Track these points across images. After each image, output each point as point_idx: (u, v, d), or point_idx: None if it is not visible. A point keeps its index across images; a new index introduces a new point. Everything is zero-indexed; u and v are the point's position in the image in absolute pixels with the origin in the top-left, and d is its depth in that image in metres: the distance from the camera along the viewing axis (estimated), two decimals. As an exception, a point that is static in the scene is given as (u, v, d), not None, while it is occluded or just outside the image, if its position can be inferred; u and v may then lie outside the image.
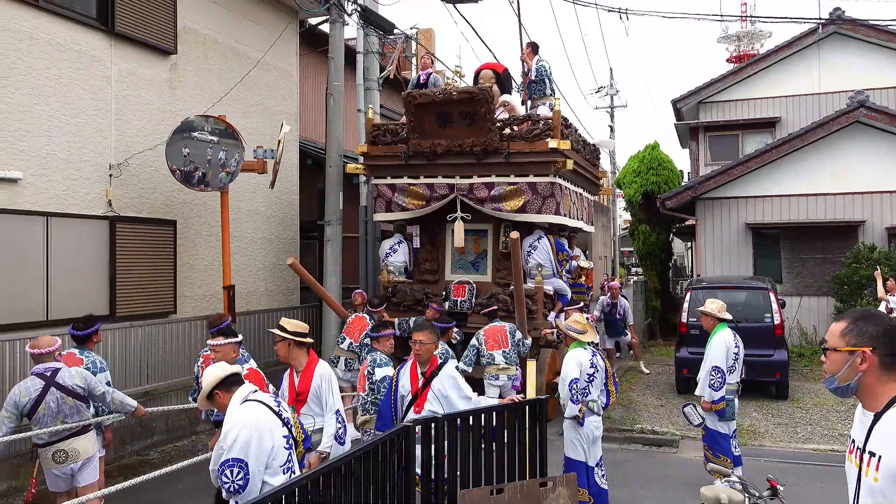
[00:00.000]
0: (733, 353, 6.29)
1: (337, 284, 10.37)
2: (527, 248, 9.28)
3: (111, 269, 8.03)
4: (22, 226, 7.02)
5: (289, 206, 11.39)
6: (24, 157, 7.08)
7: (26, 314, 6.99)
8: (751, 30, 56.21)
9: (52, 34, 7.41)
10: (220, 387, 3.66)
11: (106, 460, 7.27)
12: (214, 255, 9.41)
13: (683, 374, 10.55)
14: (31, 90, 7.16)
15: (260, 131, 10.27)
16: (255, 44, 10.46)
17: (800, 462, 7.60)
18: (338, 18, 10.65)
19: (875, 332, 2.11)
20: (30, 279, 7.10)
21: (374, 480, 3.91)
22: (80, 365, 5.53)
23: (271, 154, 8.73)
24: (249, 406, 3.56)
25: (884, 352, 2.09)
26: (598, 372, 5.70)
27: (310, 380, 4.81)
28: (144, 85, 8.60)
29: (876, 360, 2.10)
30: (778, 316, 10.58)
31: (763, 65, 18.96)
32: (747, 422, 9.11)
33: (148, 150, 8.41)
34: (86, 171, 7.77)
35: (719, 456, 6.23)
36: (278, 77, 11.12)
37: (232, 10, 10.11)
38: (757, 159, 14.48)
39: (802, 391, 10.88)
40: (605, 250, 31.28)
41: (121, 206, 8.16)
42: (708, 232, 15.02)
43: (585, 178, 10.80)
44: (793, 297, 13.91)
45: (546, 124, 8.89)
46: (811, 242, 14.26)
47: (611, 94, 31.01)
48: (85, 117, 7.78)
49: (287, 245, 11.31)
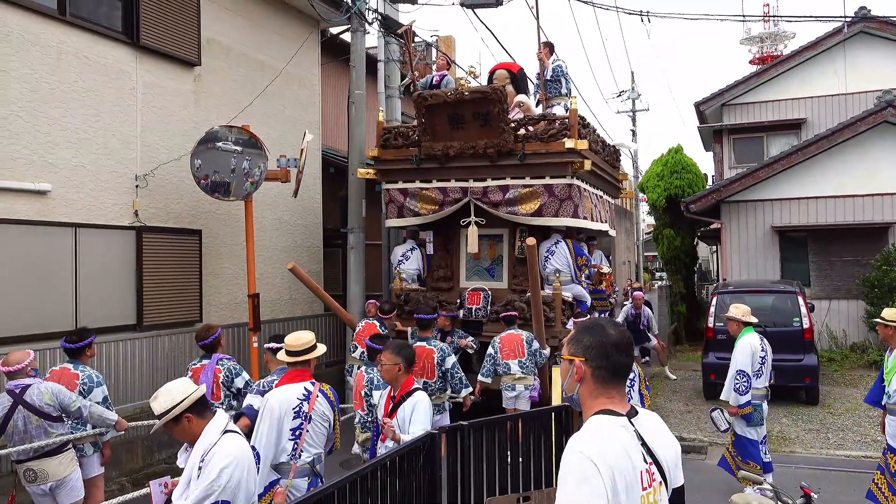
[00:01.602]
0: (759, 357, 6.19)
1: (360, 292, 10.39)
2: (544, 252, 9.01)
3: (138, 279, 8.12)
4: (51, 237, 7.13)
5: (312, 215, 11.45)
6: (53, 169, 7.20)
7: (56, 324, 7.09)
8: (774, 31, 55.64)
9: (79, 48, 7.54)
10: (195, 410, 3.09)
11: (135, 468, 7.36)
12: (239, 263, 9.48)
13: (711, 379, 10.43)
14: (59, 103, 7.28)
15: (283, 140, 10.35)
16: (277, 54, 10.55)
17: (832, 469, 7.46)
18: (359, 27, 10.71)
19: (588, 344, 2.07)
20: (59, 289, 7.20)
21: (400, 488, 3.89)
22: (76, 380, 5.38)
23: (294, 163, 8.78)
24: (236, 440, 3.08)
25: (594, 364, 2.04)
26: (636, 377, 5.67)
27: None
28: (169, 96, 8.70)
29: (588, 371, 2.05)
30: (807, 320, 10.42)
31: (787, 66, 18.72)
32: (777, 428, 8.96)
33: (173, 160, 8.51)
34: (113, 182, 7.88)
35: (748, 462, 6.14)
36: (301, 86, 11.21)
37: (254, 21, 10.22)
38: (783, 161, 14.29)
39: (833, 396, 10.69)
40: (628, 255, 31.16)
41: (147, 216, 8.26)
42: (733, 235, 14.84)
43: (605, 179, 10.49)
44: (822, 300, 13.70)
45: (562, 124, 8.61)
46: (840, 245, 14.03)
47: (632, 97, 30.92)
48: (111, 129, 7.89)
49: (311, 253, 11.37)
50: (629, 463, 1.92)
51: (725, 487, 6.54)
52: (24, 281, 6.83)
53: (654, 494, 1.97)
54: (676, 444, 2.13)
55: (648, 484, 1.95)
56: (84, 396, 5.35)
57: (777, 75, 18.76)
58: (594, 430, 1.98)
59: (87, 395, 5.40)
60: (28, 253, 6.89)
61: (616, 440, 1.95)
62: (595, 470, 1.85)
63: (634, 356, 2.18)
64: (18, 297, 6.77)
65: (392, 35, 11.37)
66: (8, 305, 6.66)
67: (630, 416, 2.02)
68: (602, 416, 2.01)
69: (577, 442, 1.95)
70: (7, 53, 6.78)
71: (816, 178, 14.11)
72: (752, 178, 14.47)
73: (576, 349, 2.10)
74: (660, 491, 1.99)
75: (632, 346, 2.11)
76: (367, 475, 3.58)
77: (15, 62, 6.85)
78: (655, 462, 2.00)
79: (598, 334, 2.08)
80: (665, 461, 2.04)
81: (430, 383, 6.81)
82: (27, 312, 6.83)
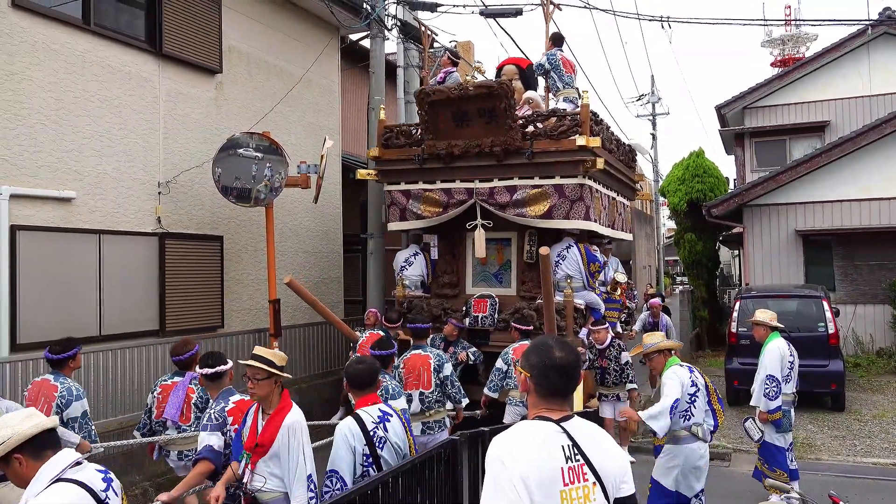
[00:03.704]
0: (788, 362, 6.12)
1: (379, 297, 10.39)
2: (555, 257, 8.31)
3: (161, 285, 8.19)
4: (76, 243, 7.22)
5: (332, 221, 11.50)
6: (78, 176, 7.29)
7: (81, 330, 7.16)
8: (795, 33, 55.15)
9: (103, 57, 7.63)
10: (26, 449, 2.47)
11: (155, 473, 7.39)
12: (260, 269, 9.54)
13: (734, 385, 10.30)
14: (83, 112, 7.37)
15: (303, 146, 10.40)
16: (297, 61, 10.62)
17: (859, 476, 7.34)
18: (378, 34, 10.75)
19: (532, 363, 2.26)
20: (84, 295, 7.28)
21: (421, 494, 3.88)
22: (55, 392, 4.96)
23: (314, 169, 8.80)
24: (65, 492, 2.43)
25: (535, 381, 2.25)
26: (699, 390, 5.02)
27: (275, 430, 3.82)
28: (191, 104, 8.79)
29: (532, 386, 2.26)
30: (832, 325, 10.27)
31: (810, 68, 18.51)
32: (803, 434, 8.83)
33: (195, 167, 8.59)
34: (136, 189, 7.96)
35: (775, 470, 6.05)
36: (320, 93, 11.26)
37: (275, 29, 10.29)
38: (807, 164, 14.11)
39: (860, 403, 10.52)
40: (648, 260, 30.96)
41: (169, 222, 8.34)
42: (756, 239, 14.68)
43: (620, 180, 9.95)
44: (847, 305, 13.49)
45: (573, 120, 8.07)
46: (865, 249, 13.81)
47: (652, 101, 30.74)
48: (135, 137, 7.98)
49: (330, 259, 11.41)
50: (545, 459, 2.08)
51: (750, 495, 6.44)
52: (49, 287, 6.91)
53: (581, 491, 2.10)
54: (621, 454, 2.27)
55: (573, 480, 2.09)
56: (62, 410, 4.94)
57: (799, 77, 18.56)
58: (513, 431, 2.19)
59: (65, 409, 4.96)
60: (53, 259, 6.97)
61: (531, 439, 2.13)
62: (507, 476, 2.03)
63: (579, 374, 2.26)
64: (44, 302, 6.86)
65: (411, 41, 11.40)
66: (34, 311, 6.74)
67: (561, 421, 2.18)
68: (532, 420, 2.22)
69: (494, 445, 2.14)
70: (33, 63, 6.88)
71: (841, 181, 13.92)
72: (775, 181, 14.31)
73: (524, 364, 2.30)
74: (593, 490, 2.12)
75: (575, 368, 2.25)
76: (389, 480, 3.57)
77: (40, 72, 6.95)
78: (588, 463, 2.13)
79: (542, 356, 2.25)
80: (601, 467, 2.15)
81: (426, 394, 6.27)
82: (52, 318, 6.91)
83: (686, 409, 4.91)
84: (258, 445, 3.82)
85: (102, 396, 7.15)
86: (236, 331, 9.17)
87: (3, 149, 6.58)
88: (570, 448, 2.13)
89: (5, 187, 6.53)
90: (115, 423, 7.12)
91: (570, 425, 2.18)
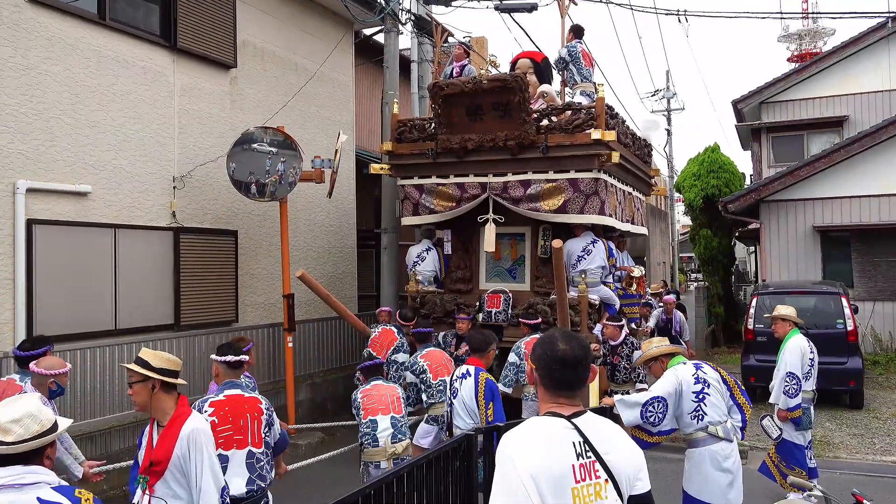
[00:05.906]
0: (809, 359, 6.04)
1: (393, 293, 10.37)
2: (578, 252, 8.32)
3: (176, 279, 8.21)
4: (91, 238, 7.24)
5: (346, 215, 11.49)
6: (93, 171, 7.31)
7: (96, 324, 7.20)
8: (813, 27, 54.51)
9: (118, 51, 7.65)
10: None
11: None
12: (274, 264, 9.54)
13: (751, 382, 10.19)
14: (98, 106, 7.39)
15: (317, 141, 10.40)
16: (311, 55, 10.61)
17: (879, 475, 7.25)
18: (392, 28, 10.72)
19: (538, 355, 2.27)
20: (99, 289, 7.31)
21: (436, 489, 3.85)
22: (19, 392, 4.48)
23: (329, 164, 8.78)
24: None
25: (540, 374, 2.26)
26: (710, 387, 4.59)
27: (172, 443, 3.24)
28: (206, 98, 8.80)
29: (538, 379, 2.28)
30: (851, 322, 10.15)
31: (828, 62, 18.31)
32: (820, 432, 8.73)
33: (209, 161, 8.59)
34: (151, 184, 7.98)
35: (794, 468, 5.98)
36: (334, 87, 11.25)
37: (289, 23, 10.28)
38: (825, 159, 13.95)
39: (879, 400, 10.40)
40: (663, 256, 30.77)
41: (184, 217, 8.35)
42: (773, 236, 14.54)
43: (635, 175, 9.85)
44: (865, 301, 13.33)
45: (588, 113, 7.99)
46: (885, 245, 13.64)
47: (667, 96, 30.48)
48: (150, 131, 7.99)
49: (344, 254, 11.40)
50: (555, 456, 2.07)
51: (768, 493, 6.37)
52: (64, 281, 6.94)
53: (593, 488, 2.08)
54: (636, 451, 2.23)
55: (584, 477, 2.07)
56: None
57: (817, 72, 18.37)
58: (523, 427, 2.17)
59: None
60: (69, 253, 7.00)
61: (541, 436, 2.12)
62: (517, 473, 2.02)
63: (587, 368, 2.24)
64: (60, 297, 6.88)
65: (425, 35, 11.36)
66: (50, 305, 6.77)
67: (573, 417, 2.16)
68: (542, 416, 2.21)
69: (504, 441, 2.13)
70: (49, 58, 6.91)
71: (860, 177, 13.75)
72: (793, 176, 14.17)
73: (532, 357, 2.32)
74: (605, 488, 2.09)
75: (581, 362, 2.22)
76: (404, 475, 3.55)
77: (56, 66, 6.97)
78: (600, 460, 2.11)
79: (546, 348, 2.26)
80: (613, 465, 2.12)
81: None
82: (68, 312, 6.94)
83: (695, 409, 4.51)
84: (153, 464, 3.23)
85: (118, 391, 7.18)
86: (251, 325, 9.18)
87: (19, 143, 6.61)
88: (580, 445, 2.11)
89: (22, 181, 6.56)
90: (131, 417, 7.16)
91: (581, 422, 2.17)
